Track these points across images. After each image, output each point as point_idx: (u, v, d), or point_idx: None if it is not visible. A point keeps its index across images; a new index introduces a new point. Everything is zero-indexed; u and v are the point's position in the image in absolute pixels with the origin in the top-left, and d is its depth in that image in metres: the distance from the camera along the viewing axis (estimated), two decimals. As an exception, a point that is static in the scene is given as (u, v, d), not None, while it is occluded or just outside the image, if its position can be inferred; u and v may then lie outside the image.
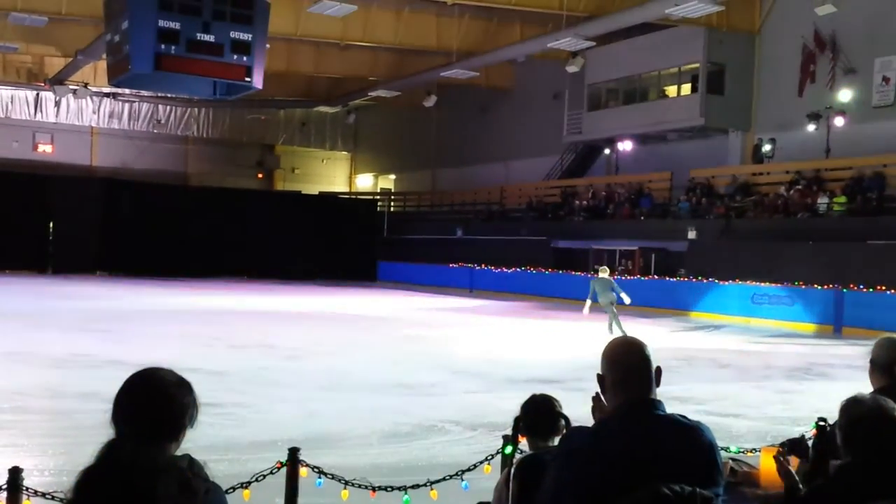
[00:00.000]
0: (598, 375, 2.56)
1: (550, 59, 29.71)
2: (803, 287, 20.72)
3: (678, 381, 10.87)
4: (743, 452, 5.27)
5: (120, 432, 2.22)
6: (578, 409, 3.55)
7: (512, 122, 36.13)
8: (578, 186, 32.71)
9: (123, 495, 2.04)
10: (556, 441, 3.23)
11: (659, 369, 2.53)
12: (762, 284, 21.61)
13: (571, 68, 27.11)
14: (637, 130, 29.78)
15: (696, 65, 27.52)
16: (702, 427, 2.47)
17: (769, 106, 26.94)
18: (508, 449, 4.64)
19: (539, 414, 3.48)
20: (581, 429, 2.60)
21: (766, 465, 4.38)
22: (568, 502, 2.37)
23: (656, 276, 25.63)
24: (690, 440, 2.42)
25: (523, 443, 3.60)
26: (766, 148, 26.26)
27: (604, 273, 18.62)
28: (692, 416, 2.52)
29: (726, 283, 22.54)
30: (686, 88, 28.25)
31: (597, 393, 2.67)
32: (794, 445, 4.10)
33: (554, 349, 15.31)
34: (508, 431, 5.07)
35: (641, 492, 2.27)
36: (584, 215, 30.69)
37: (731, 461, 4.65)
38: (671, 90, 29.16)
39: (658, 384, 2.52)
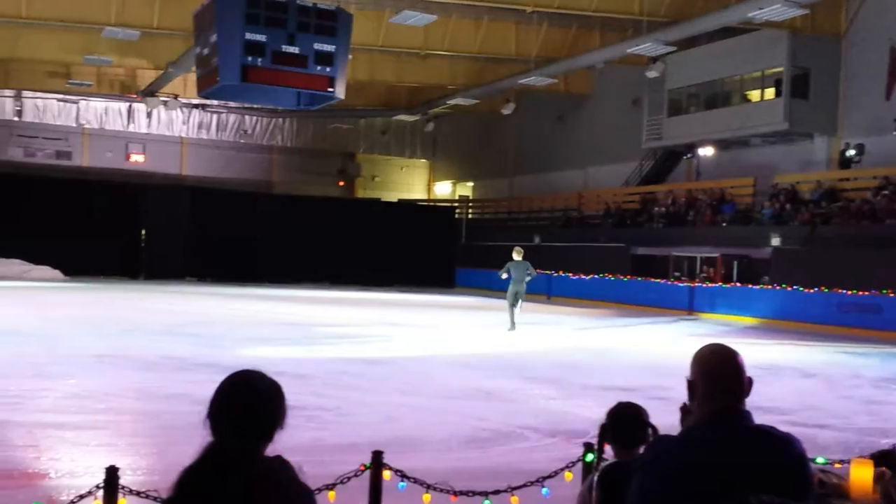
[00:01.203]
0: (689, 382, 2.51)
1: (630, 64, 29.44)
2: (892, 295, 20.07)
3: (762, 391, 10.62)
4: (830, 464, 5.18)
5: (218, 433, 2.29)
6: (659, 418, 3.57)
7: (590, 129, 35.90)
8: (658, 192, 32.31)
9: (223, 495, 2.13)
10: (642, 450, 3.23)
11: (750, 380, 2.50)
12: (849, 293, 21.00)
13: (651, 74, 26.81)
14: (719, 136, 29.28)
15: (780, 69, 26.92)
16: (792, 439, 2.44)
17: (855, 110, 26.19)
18: (590, 457, 4.68)
19: (625, 422, 3.45)
20: (667, 437, 2.56)
21: (857, 477, 4.31)
22: None
23: (738, 284, 25.13)
24: (781, 452, 2.39)
25: (607, 450, 3.60)
26: (852, 153, 25.54)
27: (518, 255, 18.60)
28: (777, 427, 2.49)
29: (811, 291, 21.97)
30: (769, 93, 27.66)
31: (685, 403, 2.62)
32: (883, 457, 4.03)
33: (633, 356, 15.17)
34: (588, 439, 5.10)
35: (729, 502, 2.25)
36: (663, 222, 30.30)
37: (819, 473, 4.58)
38: (754, 95, 28.60)
39: (748, 394, 2.49)
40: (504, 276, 18.88)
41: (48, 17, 24.80)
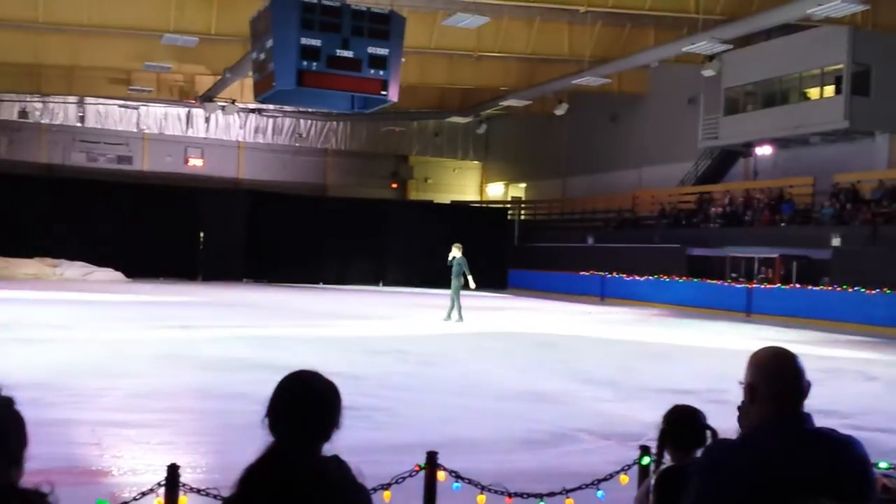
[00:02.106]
0: (748, 384, 2.47)
1: (685, 63, 29.10)
2: (959, 297, 19.54)
3: (821, 394, 10.44)
4: (894, 468, 5.07)
5: (278, 433, 2.31)
6: (716, 422, 3.53)
7: (644, 128, 35.57)
8: (714, 192, 31.88)
9: (283, 495, 2.17)
10: (700, 454, 3.20)
11: (809, 383, 2.46)
12: (913, 294, 20.51)
13: (707, 72, 26.47)
14: (777, 134, 28.77)
15: (840, 66, 26.35)
16: (854, 441, 2.39)
17: (919, 107, 25.54)
18: (646, 460, 4.65)
19: (683, 425, 3.41)
20: (726, 441, 2.53)
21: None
22: None
23: (798, 285, 24.66)
24: (842, 455, 2.35)
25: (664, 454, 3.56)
26: (916, 151, 24.93)
27: (458, 251, 18.42)
28: (838, 430, 2.45)
29: (873, 292, 21.47)
30: (829, 90, 27.10)
31: (743, 402, 2.56)
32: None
33: (688, 359, 14.99)
34: (643, 442, 5.07)
35: None
36: (720, 222, 29.88)
37: (883, 477, 4.49)
38: (813, 92, 28.03)
39: (806, 397, 2.45)
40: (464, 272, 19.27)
41: (110, 25, 25.41)
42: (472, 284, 18.83)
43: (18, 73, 32.91)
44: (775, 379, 2.44)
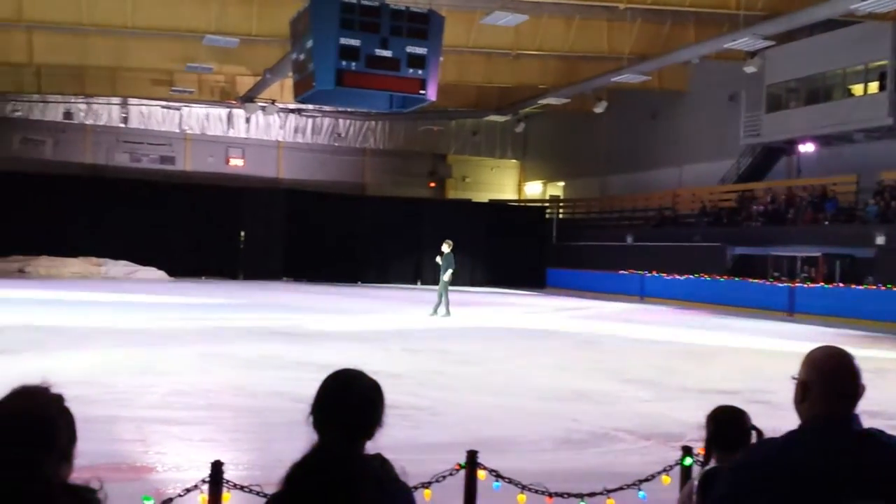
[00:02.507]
0: (802, 382, 2.42)
1: (726, 59, 28.76)
2: None
3: (867, 395, 10.23)
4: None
5: (323, 431, 2.32)
6: (759, 423, 3.50)
7: (685, 126, 35.23)
8: (756, 190, 31.48)
9: (329, 492, 2.18)
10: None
11: (863, 387, 2.42)
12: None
13: (749, 69, 26.13)
14: (820, 131, 28.36)
15: (885, 62, 25.91)
16: None
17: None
18: (688, 460, 4.62)
19: (728, 425, 3.38)
20: (770, 441, 2.48)
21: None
22: None
23: (841, 284, 24.28)
24: (891, 456, 2.32)
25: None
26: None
27: (447, 247, 19.56)
28: (886, 432, 2.41)
29: (921, 292, 21.08)
30: (873, 87, 26.65)
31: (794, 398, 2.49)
32: None
33: (730, 358, 14.83)
34: (685, 442, 5.03)
35: None
36: (761, 220, 29.51)
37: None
38: (857, 89, 27.58)
39: (858, 400, 2.41)
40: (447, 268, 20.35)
41: (152, 27, 25.75)
42: (444, 277, 20.03)
43: (63, 75, 33.49)
44: (829, 379, 2.40)
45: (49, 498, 1.91)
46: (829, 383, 2.39)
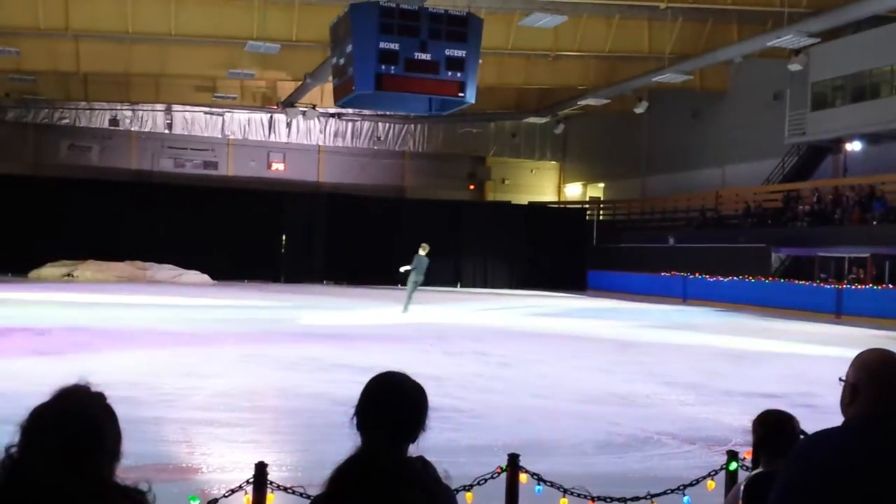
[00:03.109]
0: (850, 384, 2.39)
1: (769, 57, 28.38)
2: None
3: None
4: None
5: (368, 434, 2.33)
6: (806, 427, 3.44)
7: (727, 125, 34.81)
8: (802, 190, 31.01)
9: (373, 494, 2.19)
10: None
11: None
12: None
13: (794, 67, 25.76)
14: (867, 129, 27.85)
15: (934, 57, 25.41)
16: None
17: None
18: (734, 465, 4.56)
19: (778, 431, 3.33)
20: (817, 438, 2.43)
21: None
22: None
23: (891, 286, 23.81)
24: None
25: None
26: None
27: (423, 251, 20.63)
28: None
29: (974, 293, 20.59)
30: (923, 83, 26.14)
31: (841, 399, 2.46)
32: None
33: (775, 362, 14.61)
34: (730, 446, 4.97)
35: None
36: (807, 221, 29.05)
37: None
38: (905, 86, 27.07)
39: None
40: (407, 268, 21.54)
41: (195, 34, 26.12)
42: (402, 268, 21.54)
43: (109, 83, 34.10)
44: (878, 382, 2.36)
45: (106, 498, 1.93)
46: (880, 385, 2.35)
